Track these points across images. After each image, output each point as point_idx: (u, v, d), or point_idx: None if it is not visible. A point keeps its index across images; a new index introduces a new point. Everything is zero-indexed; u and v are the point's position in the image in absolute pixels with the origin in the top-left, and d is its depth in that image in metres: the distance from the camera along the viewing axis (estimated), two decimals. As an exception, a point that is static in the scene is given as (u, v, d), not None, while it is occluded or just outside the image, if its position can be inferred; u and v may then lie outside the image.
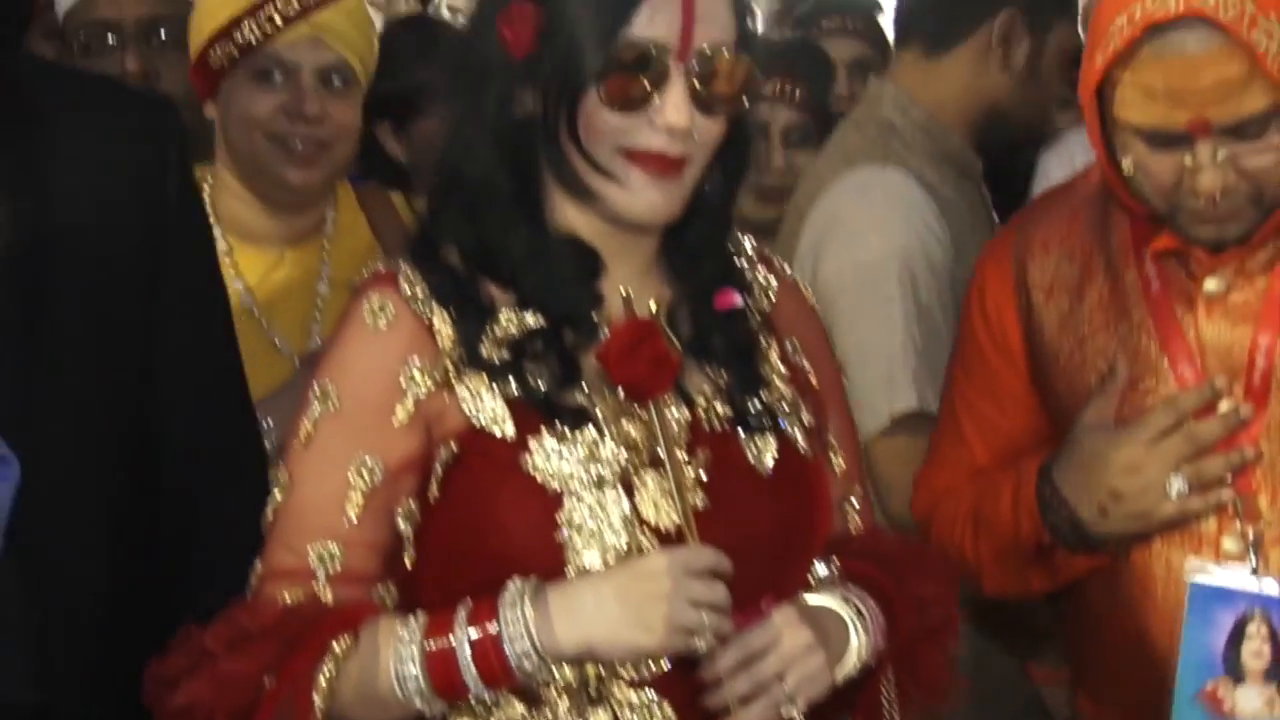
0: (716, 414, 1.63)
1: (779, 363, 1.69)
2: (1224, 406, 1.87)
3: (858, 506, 1.75)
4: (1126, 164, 1.84)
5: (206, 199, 2.36)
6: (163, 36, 2.57)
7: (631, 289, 1.61)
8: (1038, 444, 2.03)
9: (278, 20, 2.32)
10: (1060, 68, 2.52)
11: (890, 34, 3.52)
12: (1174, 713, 1.88)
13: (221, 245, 2.34)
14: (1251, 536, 1.88)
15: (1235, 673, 1.86)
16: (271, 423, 2.21)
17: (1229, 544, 1.89)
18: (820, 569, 1.67)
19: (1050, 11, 2.52)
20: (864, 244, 2.46)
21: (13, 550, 1.71)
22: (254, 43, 2.32)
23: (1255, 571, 1.87)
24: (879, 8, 3.62)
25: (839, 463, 1.73)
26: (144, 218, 1.78)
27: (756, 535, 1.60)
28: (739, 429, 1.63)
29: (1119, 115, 1.82)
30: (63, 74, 2.07)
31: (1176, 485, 1.86)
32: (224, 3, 2.35)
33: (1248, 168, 1.79)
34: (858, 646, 1.60)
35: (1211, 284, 1.90)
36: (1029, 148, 2.78)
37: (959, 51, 2.57)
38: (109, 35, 2.56)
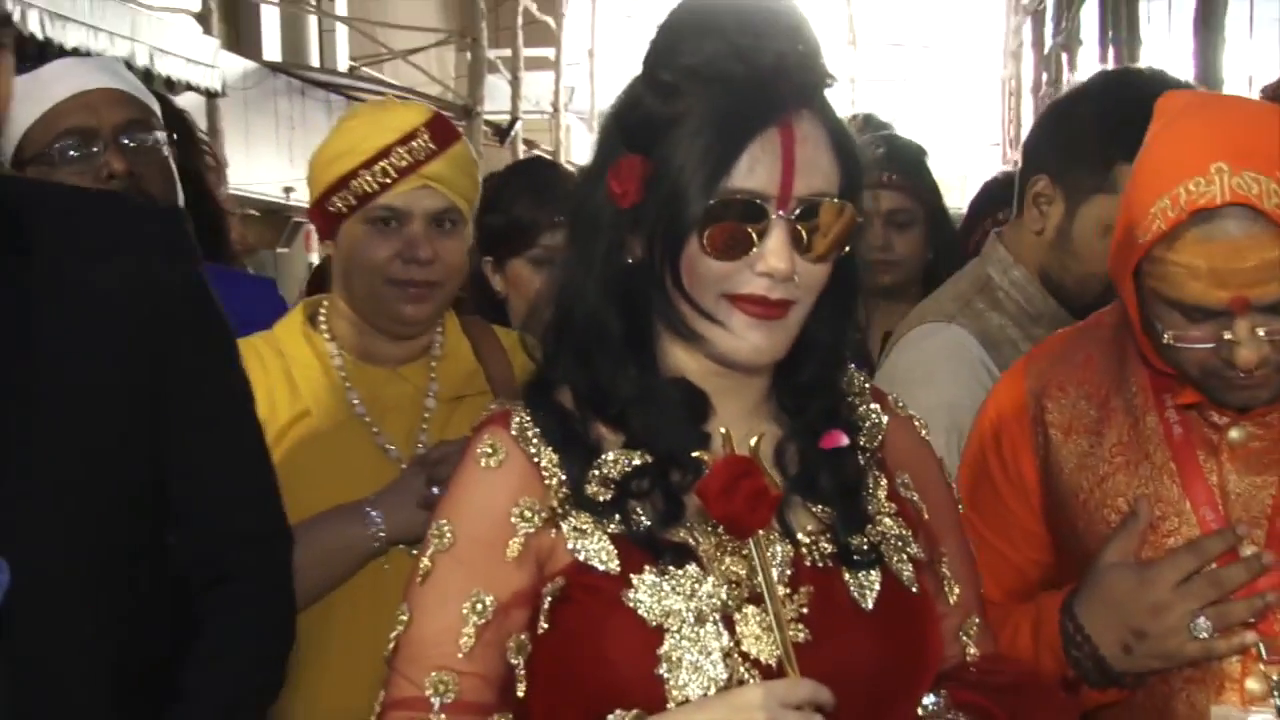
0: (819, 551, 1.54)
1: (887, 499, 1.60)
2: (1246, 551, 1.77)
3: (974, 635, 1.65)
4: (1168, 337, 1.76)
5: (323, 320, 2.41)
6: (134, 142, 2.51)
7: (739, 427, 1.52)
8: (1044, 577, 1.94)
9: (392, 173, 2.33)
10: (1102, 242, 2.33)
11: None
12: None
13: (337, 360, 2.37)
14: (1275, 678, 1.76)
15: None
16: (379, 515, 2.23)
17: (1252, 685, 1.78)
18: (929, 700, 1.56)
19: (1085, 183, 2.38)
20: (914, 396, 2.36)
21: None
22: (370, 193, 2.33)
23: (1280, 713, 1.78)
24: (924, 153, 3.39)
25: (954, 593, 1.63)
26: (140, 323, 1.71)
27: (858, 670, 1.50)
28: (842, 566, 1.54)
29: (1160, 290, 1.74)
30: (50, 189, 2.01)
31: (1201, 626, 1.76)
32: (342, 155, 2.37)
33: (1278, 338, 1.72)
34: None
35: (1235, 434, 1.82)
36: None
37: (1022, 215, 2.49)
38: (86, 142, 2.49)
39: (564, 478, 1.52)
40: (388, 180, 2.32)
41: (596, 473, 1.52)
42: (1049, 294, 2.44)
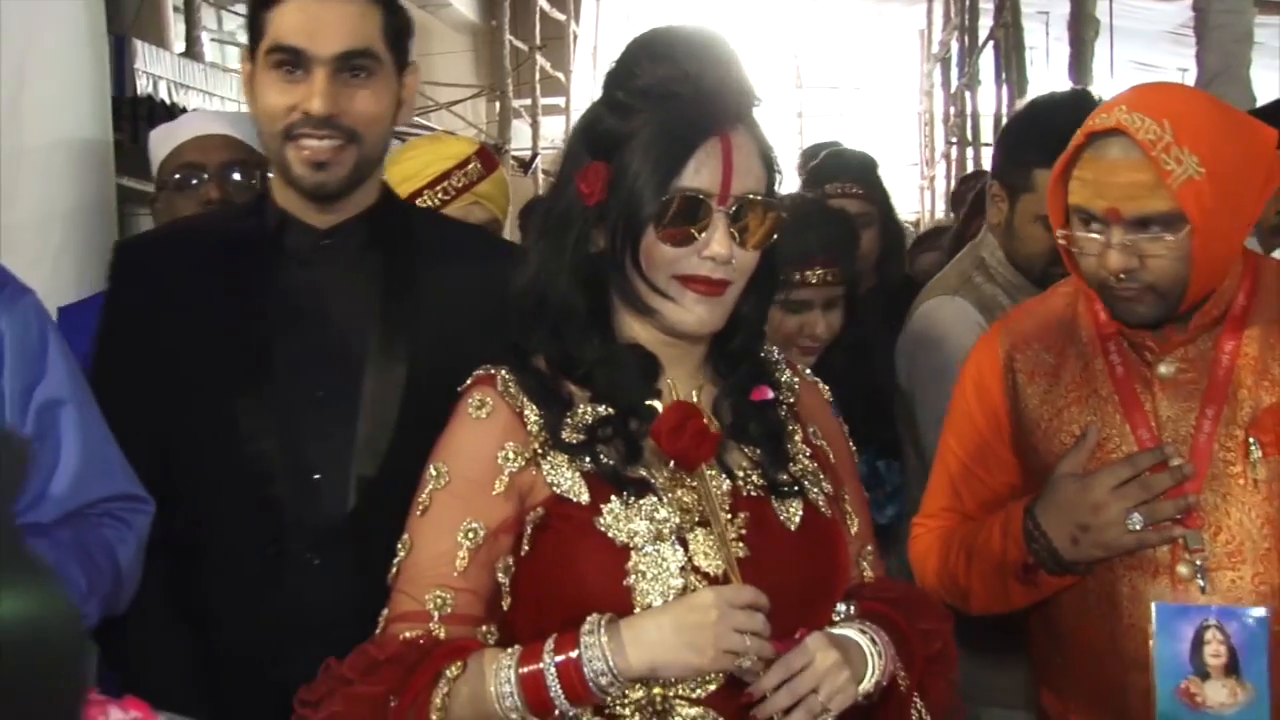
0: (753, 484, 1.50)
1: (803, 443, 1.57)
2: (1174, 463, 1.76)
3: (869, 560, 1.63)
4: (1061, 234, 1.78)
5: None
6: (237, 174, 2.48)
7: (684, 385, 1.50)
8: (1014, 496, 1.92)
9: (451, 191, 2.36)
10: (1033, 228, 2.42)
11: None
12: (1157, 708, 1.74)
13: None
14: (1199, 564, 1.76)
15: (1201, 671, 1.74)
16: None
17: (1181, 569, 1.77)
18: (841, 608, 1.53)
19: (1017, 185, 2.44)
20: (929, 354, 2.47)
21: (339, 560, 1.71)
22: (434, 208, 2.34)
23: (1204, 591, 1.75)
24: (875, 164, 3.42)
25: (854, 524, 1.60)
26: (486, 316, 1.75)
27: (788, 579, 1.46)
28: (771, 496, 1.50)
29: (1068, 200, 1.76)
30: (438, 218, 2.14)
31: (1135, 521, 1.75)
32: (410, 177, 2.37)
33: (1145, 254, 1.71)
34: (874, 668, 1.46)
35: (1163, 369, 1.81)
36: None
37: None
38: (195, 174, 2.47)
39: (542, 425, 1.47)
40: (448, 197, 2.34)
41: (570, 421, 1.47)
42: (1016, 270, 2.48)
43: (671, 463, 1.45)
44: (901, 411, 2.59)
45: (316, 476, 1.75)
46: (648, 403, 1.47)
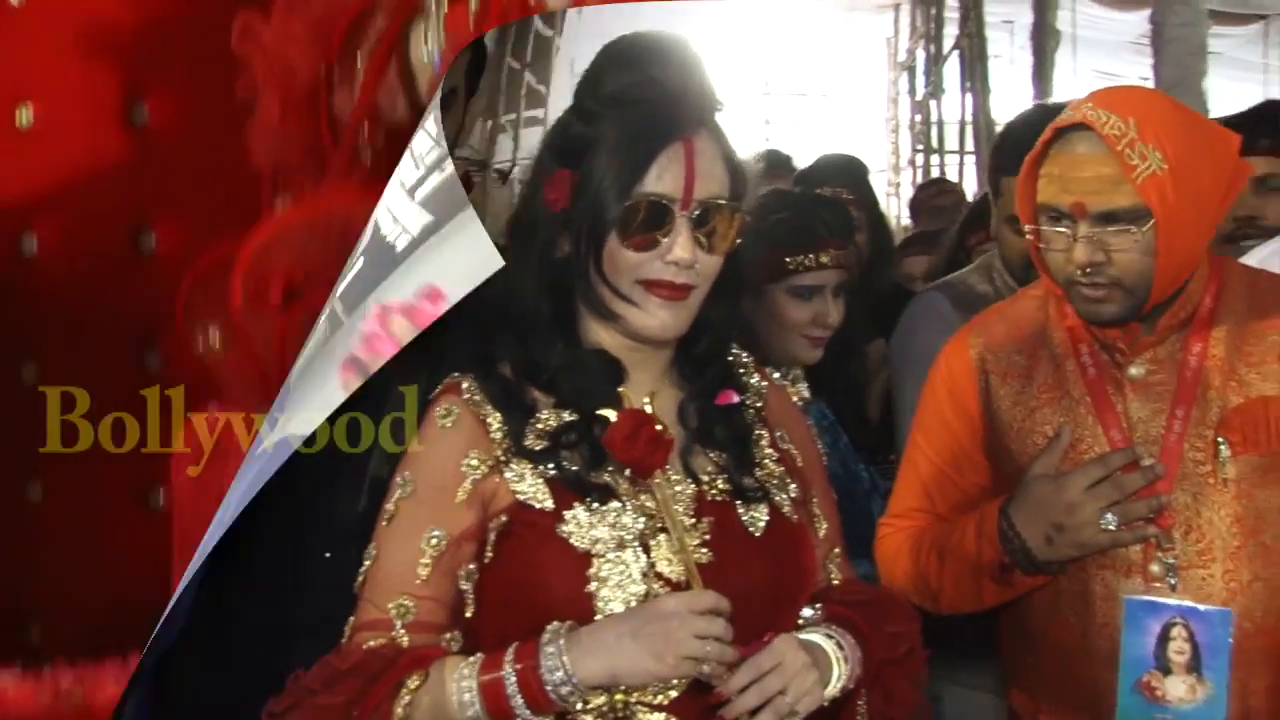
0: (717, 488, 1.49)
1: (769, 447, 1.56)
2: (1145, 463, 1.77)
3: (837, 563, 1.61)
4: (1028, 229, 1.80)
5: None
6: None
7: (649, 391, 1.48)
8: (984, 497, 1.92)
9: None
10: (1003, 231, 2.54)
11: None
12: (1118, 700, 1.76)
13: None
14: (1170, 562, 1.77)
15: (1164, 667, 1.75)
16: None
17: (1154, 568, 1.78)
18: (807, 612, 1.52)
19: (996, 191, 2.57)
20: (905, 340, 2.58)
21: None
22: None
23: (1175, 588, 1.77)
24: (865, 169, 3.43)
25: (822, 528, 1.58)
26: None
27: (752, 584, 1.45)
28: (736, 500, 1.49)
29: (1037, 199, 1.78)
30: None
31: (1109, 520, 1.76)
32: None
33: (1111, 248, 1.72)
34: (839, 673, 1.46)
35: (1134, 370, 1.82)
36: None
37: None
38: None
39: (506, 432, 1.46)
40: None
41: (534, 428, 1.46)
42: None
43: (625, 468, 1.44)
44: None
45: (334, 476, 1.76)
46: (599, 412, 1.45)
